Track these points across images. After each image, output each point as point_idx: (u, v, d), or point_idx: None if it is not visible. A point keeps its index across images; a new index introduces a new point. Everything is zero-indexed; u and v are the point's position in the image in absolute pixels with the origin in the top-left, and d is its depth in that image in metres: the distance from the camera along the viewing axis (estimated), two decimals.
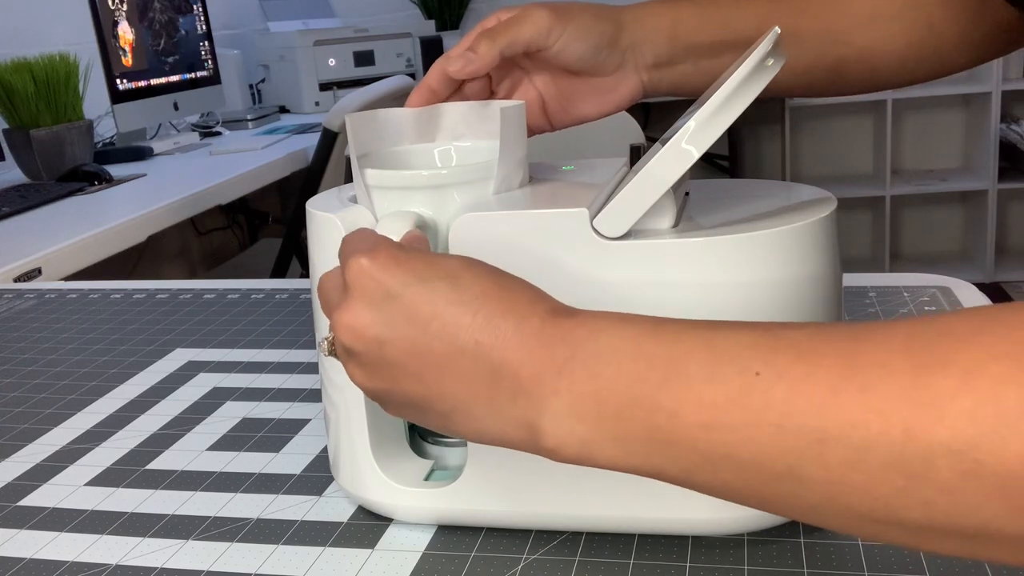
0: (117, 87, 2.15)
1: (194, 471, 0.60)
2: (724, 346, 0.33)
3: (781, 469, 0.31)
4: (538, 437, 0.36)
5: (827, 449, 0.30)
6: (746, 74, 0.42)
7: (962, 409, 0.28)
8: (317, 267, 0.50)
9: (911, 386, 0.29)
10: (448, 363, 0.37)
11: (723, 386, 0.32)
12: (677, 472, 0.34)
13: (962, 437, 0.28)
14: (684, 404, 0.33)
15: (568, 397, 0.35)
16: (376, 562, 0.49)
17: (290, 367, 0.77)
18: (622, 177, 0.52)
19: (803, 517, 0.33)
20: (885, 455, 0.29)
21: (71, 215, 1.65)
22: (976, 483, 0.28)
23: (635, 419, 0.33)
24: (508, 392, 0.36)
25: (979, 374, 0.28)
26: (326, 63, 2.84)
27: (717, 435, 0.32)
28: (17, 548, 0.53)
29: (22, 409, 0.73)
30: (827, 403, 0.30)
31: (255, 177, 2.01)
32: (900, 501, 0.30)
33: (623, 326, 0.35)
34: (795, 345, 0.32)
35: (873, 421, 0.29)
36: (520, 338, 0.36)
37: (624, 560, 0.47)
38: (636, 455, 0.34)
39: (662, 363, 0.33)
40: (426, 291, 0.38)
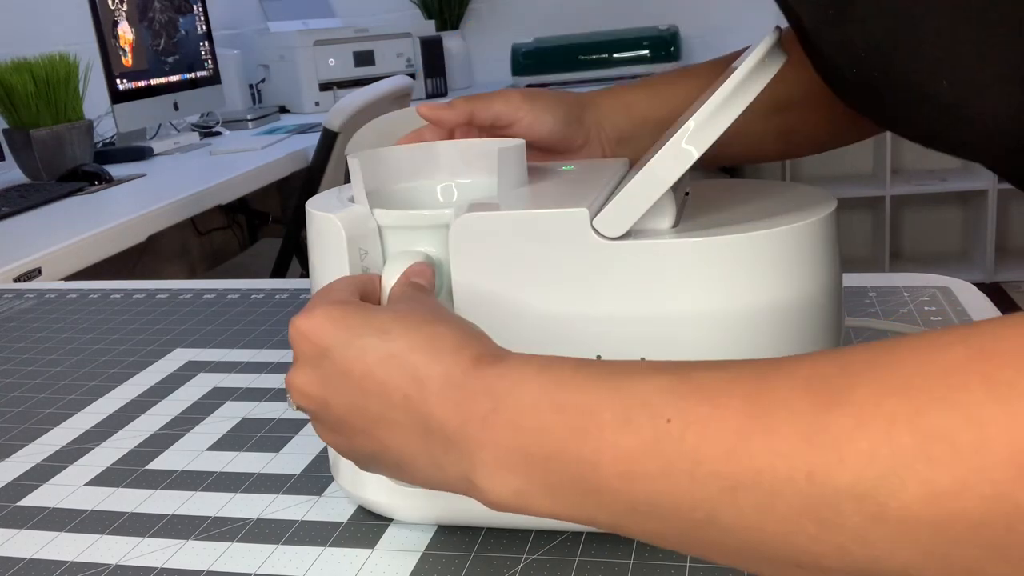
0: (117, 87, 2.15)
1: (194, 471, 0.60)
2: (634, 392, 0.33)
3: (701, 517, 0.31)
4: (475, 489, 0.36)
5: (739, 496, 0.30)
6: (746, 74, 0.42)
7: (859, 451, 0.28)
8: (317, 267, 0.50)
9: (811, 427, 0.29)
10: (385, 419, 0.38)
11: (636, 435, 0.32)
12: (608, 521, 0.34)
13: (863, 481, 0.28)
14: (602, 454, 0.33)
15: (495, 451, 0.35)
16: (376, 562, 0.49)
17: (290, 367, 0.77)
18: (622, 177, 0.52)
19: (736, 564, 0.33)
20: (794, 501, 0.29)
21: (71, 215, 1.65)
22: (884, 528, 0.28)
23: (560, 471, 0.34)
24: (440, 446, 0.37)
25: (872, 413, 0.28)
26: (326, 63, 2.84)
27: (637, 485, 0.32)
28: (17, 548, 0.53)
29: (22, 409, 0.73)
30: (735, 448, 0.30)
31: (255, 177, 2.01)
32: (817, 548, 0.29)
33: (541, 375, 0.36)
34: (703, 388, 0.32)
35: (779, 466, 0.29)
36: (444, 391, 0.37)
37: (624, 560, 0.47)
38: (568, 505, 0.34)
39: (576, 415, 0.34)
40: (357, 349, 0.39)
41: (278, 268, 2.10)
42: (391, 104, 2.11)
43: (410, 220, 0.49)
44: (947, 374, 0.28)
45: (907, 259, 3.37)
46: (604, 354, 0.45)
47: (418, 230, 0.49)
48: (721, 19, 3.12)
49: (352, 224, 0.48)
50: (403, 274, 0.46)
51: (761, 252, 0.44)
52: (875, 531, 0.28)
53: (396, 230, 0.49)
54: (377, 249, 0.49)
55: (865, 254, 3.40)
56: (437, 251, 0.48)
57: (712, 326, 0.44)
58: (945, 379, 0.28)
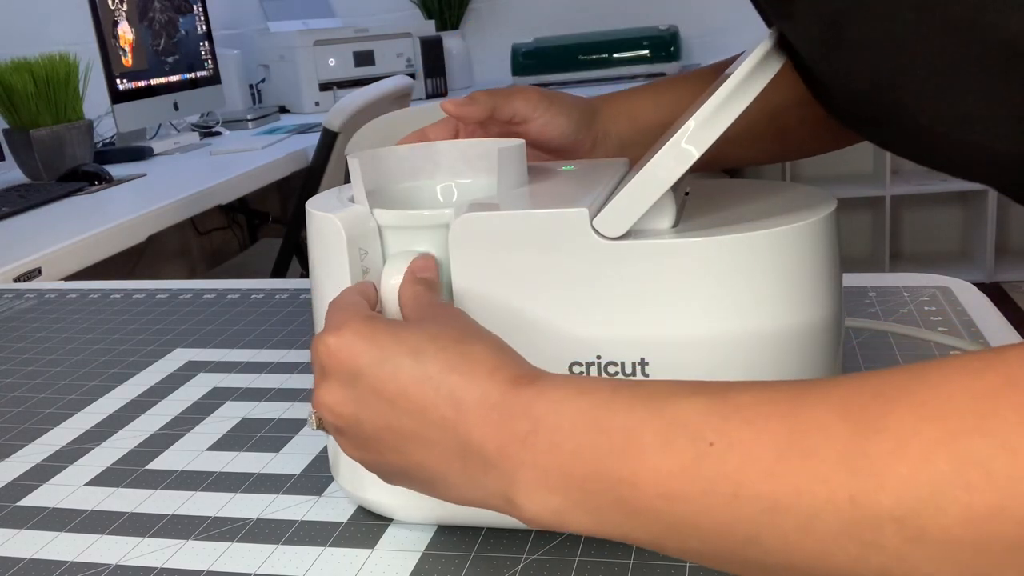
0: (117, 87, 2.15)
1: (194, 471, 0.60)
2: (675, 414, 0.34)
3: (742, 538, 0.32)
4: (513, 508, 0.37)
5: (779, 518, 0.31)
6: (746, 74, 0.42)
7: (899, 476, 0.29)
8: (317, 267, 0.50)
9: (850, 453, 0.30)
10: (420, 438, 0.38)
11: (677, 457, 0.33)
12: (648, 540, 0.34)
13: (903, 505, 0.29)
14: (642, 475, 0.33)
15: (534, 471, 0.35)
16: (376, 562, 0.49)
17: (290, 367, 0.77)
18: (622, 177, 0.52)
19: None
20: (835, 523, 0.30)
21: (71, 215, 1.65)
22: (925, 550, 0.29)
23: (600, 491, 0.34)
24: (479, 466, 0.37)
25: (910, 439, 0.29)
26: (326, 63, 2.84)
27: (678, 506, 0.33)
28: (17, 548, 0.53)
29: (22, 409, 0.73)
30: (774, 470, 0.31)
31: (255, 177, 2.01)
32: (858, 568, 0.30)
33: (580, 397, 0.36)
34: (741, 409, 0.33)
35: (819, 490, 0.30)
36: (483, 413, 0.37)
37: (624, 560, 0.47)
38: (607, 524, 0.35)
39: (618, 436, 0.34)
40: (391, 369, 0.39)
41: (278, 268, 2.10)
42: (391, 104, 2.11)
43: (410, 220, 0.49)
44: (979, 401, 0.29)
45: (907, 259, 3.37)
46: (604, 354, 0.45)
47: (418, 230, 0.49)
48: (721, 19, 3.12)
49: (352, 224, 0.48)
50: (408, 271, 0.46)
51: (761, 252, 0.44)
52: (916, 552, 0.29)
53: (396, 230, 0.49)
54: (377, 249, 0.49)
55: (865, 254, 3.40)
56: (437, 251, 0.48)
57: (712, 326, 0.44)
58: (978, 406, 0.29)
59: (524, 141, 0.52)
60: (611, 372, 0.45)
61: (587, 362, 0.45)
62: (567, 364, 0.46)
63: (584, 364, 0.46)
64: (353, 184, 0.51)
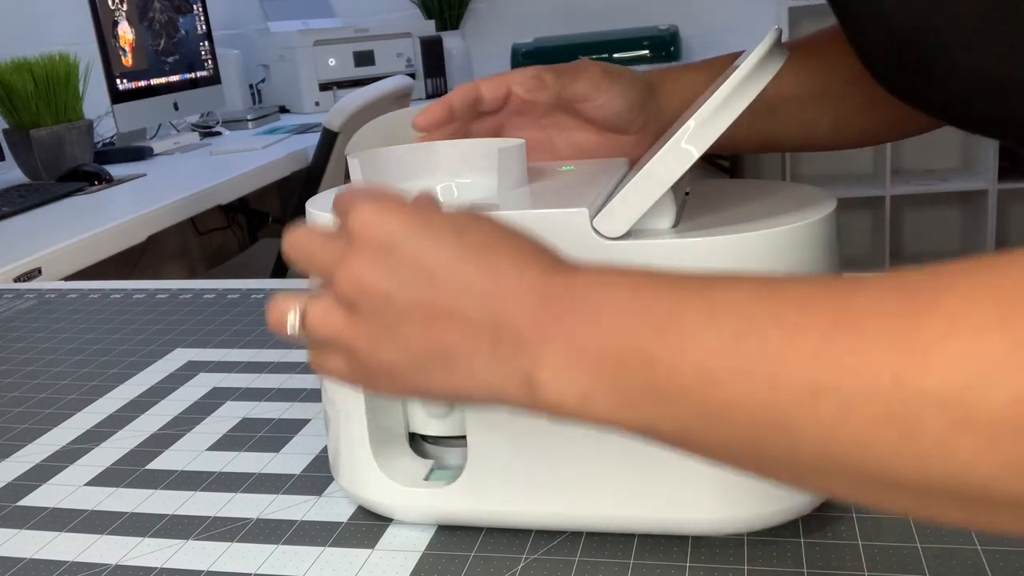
0: (117, 87, 2.15)
1: (194, 471, 0.60)
2: (721, 296, 0.33)
3: (775, 423, 0.31)
4: (537, 390, 0.35)
5: (820, 401, 0.30)
6: (746, 73, 0.42)
7: (948, 356, 0.28)
8: None
9: (899, 331, 0.29)
10: (453, 313, 0.36)
11: (719, 334, 0.32)
12: (673, 429, 0.33)
13: (950, 386, 0.28)
14: (681, 355, 0.32)
15: (567, 348, 0.34)
16: (376, 562, 0.49)
17: (290, 367, 0.77)
18: (622, 177, 0.52)
19: (800, 480, 0.32)
20: (876, 406, 0.29)
21: (71, 215, 1.65)
22: (968, 436, 0.28)
23: (633, 371, 0.33)
24: (510, 343, 0.36)
25: (964, 319, 0.28)
26: (326, 63, 2.84)
27: (713, 388, 0.32)
28: (17, 548, 0.53)
29: (22, 409, 0.73)
30: (819, 351, 0.30)
31: (255, 177, 2.01)
32: (894, 460, 0.29)
33: (623, 278, 0.35)
34: (791, 293, 0.32)
35: (864, 369, 0.29)
36: (522, 290, 0.36)
37: (624, 560, 0.47)
38: (632, 409, 0.34)
39: (660, 314, 0.33)
40: (432, 241, 0.37)
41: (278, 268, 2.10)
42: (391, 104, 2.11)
43: None
44: None
45: (907, 259, 3.36)
46: None
47: None
48: (721, 19, 3.12)
49: None
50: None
51: (761, 252, 0.44)
52: (958, 440, 0.28)
53: None
54: None
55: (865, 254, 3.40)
56: None
57: None
58: None
59: (524, 141, 0.52)
60: None
61: None
62: None
63: None
64: (353, 184, 0.51)
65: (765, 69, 0.43)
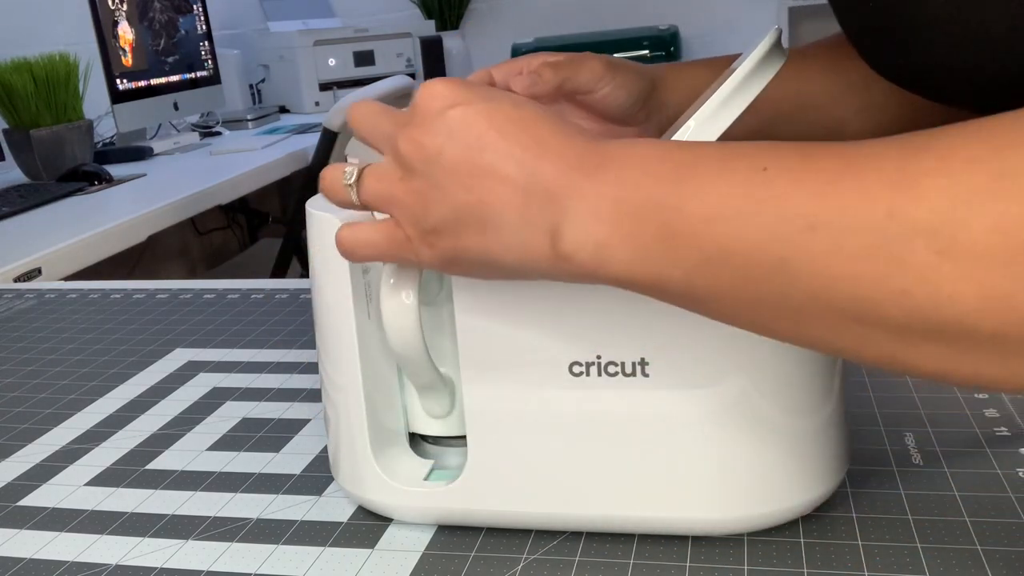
0: (117, 87, 2.15)
1: (194, 471, 0.60)
2: (736, 151, 0.35)
3: (771, 261, 0.33)
4: (557, 242, 0.37)
5: (816, 236, 0.32)
6: (747, 73, 0.42)
7: (937, 187, 0.30)
8: (317, 267, 0.50)
9: (896, 172, 0.31)
10: (493, 171, 0.39)
11: (730, 178, 0.34)
12: (679, 276, 0.35)
13: (937, 215, 0.30)
14: (691, 198, 0.35)
15: (592, 199, 0.37)
16: (376, 562, 0.49)
17: (290, 367, 0.77)
18: None
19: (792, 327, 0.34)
20: (867, 238, 0.31)
21: (71, 215, 1.65)
22: (948, 264, 0.29)
23: (647, 217, 0.36)
24: (540, 200, 0.38)
25: (955, 154, 0.30)
26: (326, 63, 2.84)
27: (717, 227, 0.34)
28: (17, 548, 0.53)
29: (22, 409, 0.73)
30: (822, 191, 0.32)
31: (255, 177, 2.01)
32: (880, 293, 0.31)
33: (654, 143, 0.38)
34: (803, 148, 0.34)
35: (860, 204, 0.31)
36: (559, 150, 0.38)
37: (624, 560, 0.47)
38: (644, 261, 0.36)
39: (678, 165, 0.36)
40: (488, 109, 0.40)
41: (278, 268, 2.10)
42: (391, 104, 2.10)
43: None
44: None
45: None
46: (604, 354, 0.45)
47: None
48: (721, 19, 3.12)
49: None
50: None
51: None
52: (940, 269, 0.29)
53: None
54: None
55: None
56: None
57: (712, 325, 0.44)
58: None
59: None
60: (611, 372, 0.45)
61: (587, 362, 0.45)
62: (567, 364, 0.46)
63: (584, 364, 0.46)
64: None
65: (765, 69, 0.43)
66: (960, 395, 0.60)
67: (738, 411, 0.45)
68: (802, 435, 0.46)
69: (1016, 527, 0.46)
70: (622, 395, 0.45)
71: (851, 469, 0.52)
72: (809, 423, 0.46)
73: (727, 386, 0.44)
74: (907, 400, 0.60)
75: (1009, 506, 0.48)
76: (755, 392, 0.45)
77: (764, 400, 0.45)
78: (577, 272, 0.38)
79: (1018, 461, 0.52)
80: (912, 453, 0.54)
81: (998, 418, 0.57)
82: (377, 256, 0.44)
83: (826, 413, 0.47)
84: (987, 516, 0.47)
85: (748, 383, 0.44)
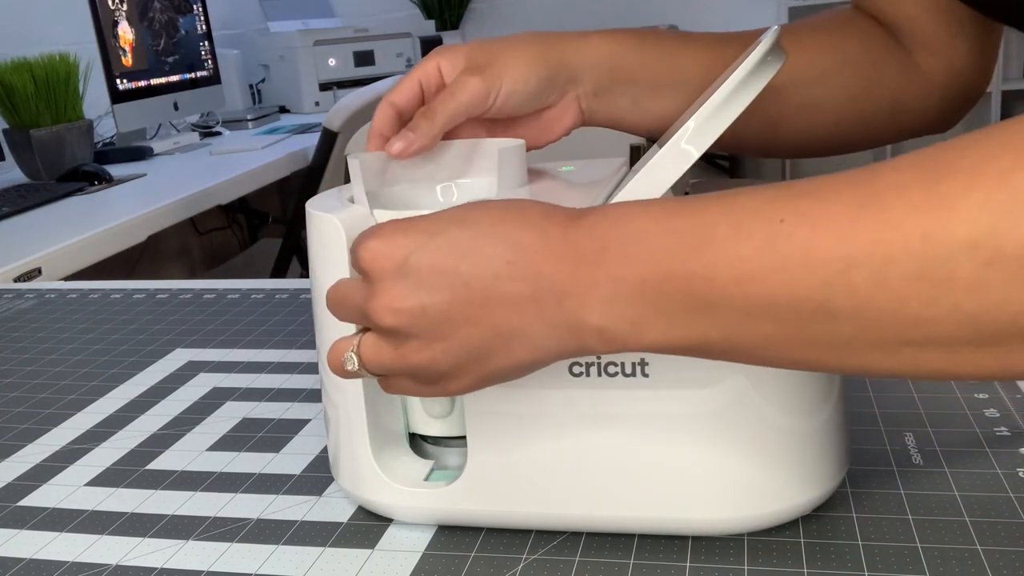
0: (117, 87, 2.15)
1: (194, 471, 0.60)
2: (746, 204, 0.35)
3: (813, 307, 0.33)
4: (590, 331, 0.37)
5: (854, 274, 0.32)
6: (746, 73, 0.42)
7: (974, 203, 0.30)
8: (317, 267, 0.50)
9: (923, 197, 0.31)
10: (490, 296, 0.38)
11: (750, 240, 0.34)
12: (721, 336, 0.35)
13: (978, 228, 0.29)
14: (716, 266, 0.34)
15: (609, 284, 0.36)
16: (376, 562, 0.49)
17: (290, 367, 0.77)
18: (622, 177, 0.52)
19: (841, 360, 0.34)
20: (908, 267, 0.31)
21: (71, 215, 1.65)
22: (998, 272, 0.29)
23: (675, 291, 0.35)
24: (552, 300, 0.37)
25: (985, 170, 0.30)
26: (326, 63, 2.83)
27: (751, 287, 0.34)
28: (17, 548, 0.53)
29: (22, 409, 0.73)
30: (848, 231, 0.32)
31: (255, 177, 2.01)
32: (929, 313, 0.31)
33: (644, 210, 0.37)
34: (813, 190, 0.34)
35: (893, 237, 0.31)
36: (548, 247, 0.37)
37: (624, 560, 0.47)
38: (682, 327, 0.36)
39: (690, 234, 0.35)
40: (443, 242, 0.38)
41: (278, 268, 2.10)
42: None
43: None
44: None
45: None
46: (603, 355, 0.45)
47: None
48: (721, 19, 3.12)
49: (352, 224, 0.48)
50: None
51: None
52: (988, 277, 0.29)
53: None
54: None
55: None
56: None
57: None
58: None
59: (524, 141, 0.52)
60: (611, 372, 0.45)
61: (587, 362, 0.45)
62: (567, 364, 0.46)
63: (584, 364, 0.46)
64: (353, 184, 0.51)
65: (765, 69, 0.43)
66: (960, 395, 0.60)
67: (738, 411, 0.45)
68: (802, 435, 0.46)
69: (1016, 527, 0.46)
70: (622, 395, 0.45)
71: (851, 469, 0.52)
72: (809, 423, 0.46)
73: (727, 386, 0.44)
74: (907, 400, 0.60)
75: (1009, 506, 0.48)
76: (755, 392, 0.45)
77: (764, 400, 0.45)
78: (613, 350, 0.38)
79: (1018, 461, 0.52)
80: (912, 453, 0.54)
81: (998, 418, 0.57)
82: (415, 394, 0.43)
83: (826, 413, 0.47)
84: (987, 516, 0.47)
85: (748, 383, 0.44)
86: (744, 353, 0.36)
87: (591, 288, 0.36)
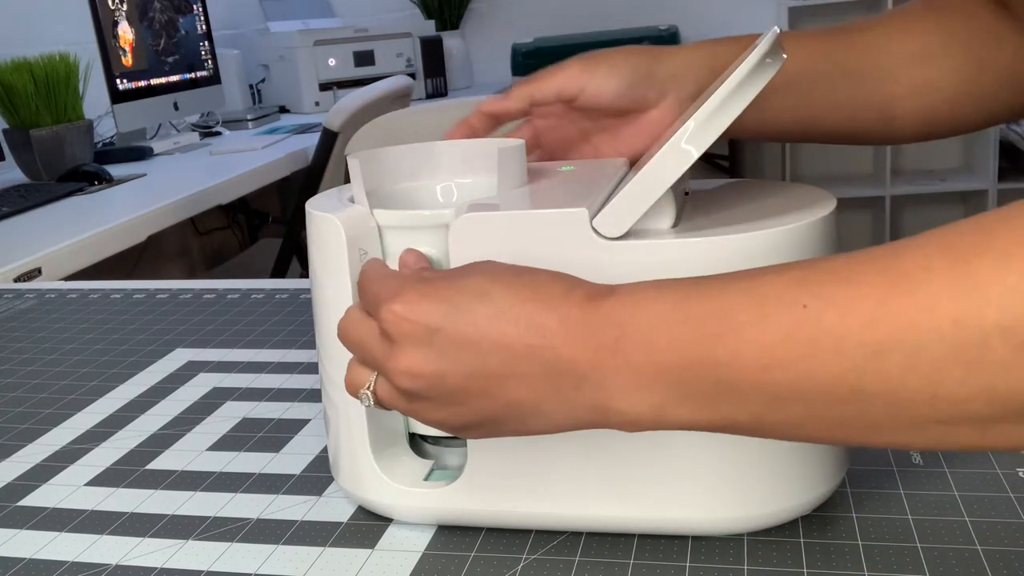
0: (117, 87, 2.15)
1: (194, 471, 0.60)
2: (767, 289, 0.34)
3: (844, 392, 0.32)
4: (612, 416, 0.37)
5: (884, 360, 0.31)
6: (746, 74, 0.42)
7: (1006, 287, 0.29)
8: (317, 267, 0.50)
9: (953, 280, 0.30)
10: (508, 373, 0.38)
11: (774, 326, 0.33)
12: (749, 419, 0.35)
13: (1010, 312, 0.29)
14: (741, 353, 0.34)
15: (629, 372, 0.36)
16: (376, 562, 0.49)
17: (290, 367, 0.77)
18: (622, 177, 0.52)
19: (873, 439, 0.34)
20: (939, 351, 0.30)
21: (71, 215, 1.65)
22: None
23: (699, 379, 0.35)
24: (571, 383, 0.37)
25: (1016, 254, 0.30)
26: (326, 63, 2.83)
27: (779, 374, 0.33)
28: (17, 548, 0.53)
29: (22, 409, 0.73)
30: (877, 316, 0.31)
31: (255, 177, 2.01)
32: (961, 394, 0.30)
33: (662, 295, 0.37)
34: (836, 272, 0.33)
35: (923, 321, 0.31)
36: (567, 332, 0.37)
37: (624, 560, 0.47)
38: (707, 411, 0.35)
39: (711, 321, 0.35)
40: (466, 316, 0.39)
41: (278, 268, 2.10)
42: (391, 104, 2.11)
43: (410, 220, 0.49)
44: None
45: None
46: None
47: (418, 230, 0.49)
48: (721, 19, 3.12)
49: (352, 224, 0.48)
50: (401, 264, 0.47)
51: (761, 252, 0.44)
52: (1021, 359, 0.29)
53: (396, 230, 0.49)
54: (377, 249, 0.49)
55: None
56: (437, 251, 0.48)
57: None
58: None
59: (524, 141, 0.52)
60: None
61: None
62: None
63: None
64: (353, 184, 0.51)
65: (765, 69, 0.43)
66: None
67: None
68: None
69: (1016, 527, 0.46)
70: None
71: (851, 469, 0.52)
72: None
73: None
74: None
75: (1009, 506, 0.48)
76: None
77: None
78: (637, 430, 0.38)
79: (1018, 461, 0.52)
80: (912, 453, 0.54)
81: None
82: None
83: None
84: (987, 516, 0.47)
85: None
86: (773, 432, 0.36)
87: (612, 376, 0.37)
